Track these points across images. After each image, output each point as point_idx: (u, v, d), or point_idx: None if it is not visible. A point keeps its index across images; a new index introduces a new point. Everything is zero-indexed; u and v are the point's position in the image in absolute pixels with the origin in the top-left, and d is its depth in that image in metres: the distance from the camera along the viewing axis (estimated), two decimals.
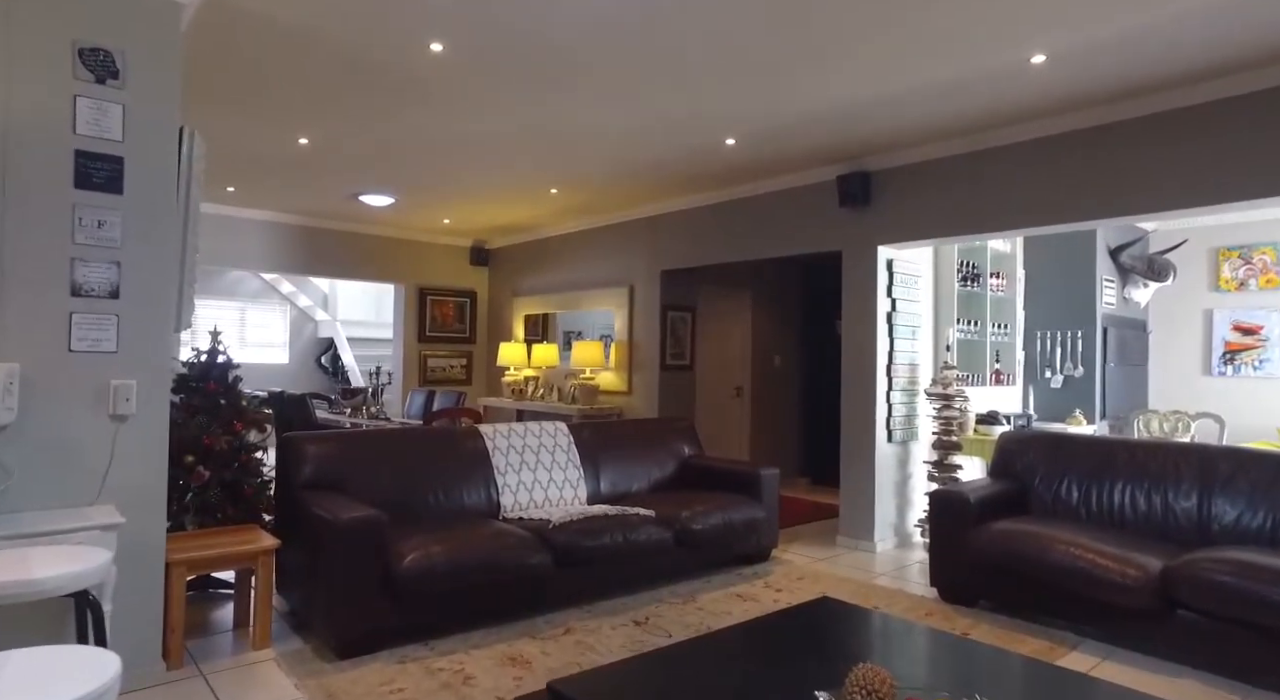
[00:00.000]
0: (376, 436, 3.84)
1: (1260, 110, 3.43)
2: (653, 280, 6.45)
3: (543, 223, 7.36)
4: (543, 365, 7.57)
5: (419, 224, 7.58)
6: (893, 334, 4.93)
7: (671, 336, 6.42)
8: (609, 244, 6.94)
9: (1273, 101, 3.40)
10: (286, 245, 7.23)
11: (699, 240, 6.04)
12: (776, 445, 7.58)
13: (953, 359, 5.09)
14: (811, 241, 5.21)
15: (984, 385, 5.56)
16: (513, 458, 4.14)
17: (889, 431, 4.92)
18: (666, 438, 4.93)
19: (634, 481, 4.62)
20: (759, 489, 4.48)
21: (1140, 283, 6.23)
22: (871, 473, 4.85)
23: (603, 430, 4.70)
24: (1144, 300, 6.38)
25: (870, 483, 4.85)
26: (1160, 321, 6.93)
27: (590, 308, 7.17)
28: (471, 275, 8.58)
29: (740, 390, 7.34)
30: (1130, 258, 6.14)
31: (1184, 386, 6.76)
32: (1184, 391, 6.75)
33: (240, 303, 10.10)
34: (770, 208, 5.49)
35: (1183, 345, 6.80)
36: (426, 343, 8.19)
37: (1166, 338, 6.87)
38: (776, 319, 7.62)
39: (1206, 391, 6.64)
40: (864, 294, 4.90)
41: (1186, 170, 3.64)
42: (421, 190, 6.02)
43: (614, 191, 5.94)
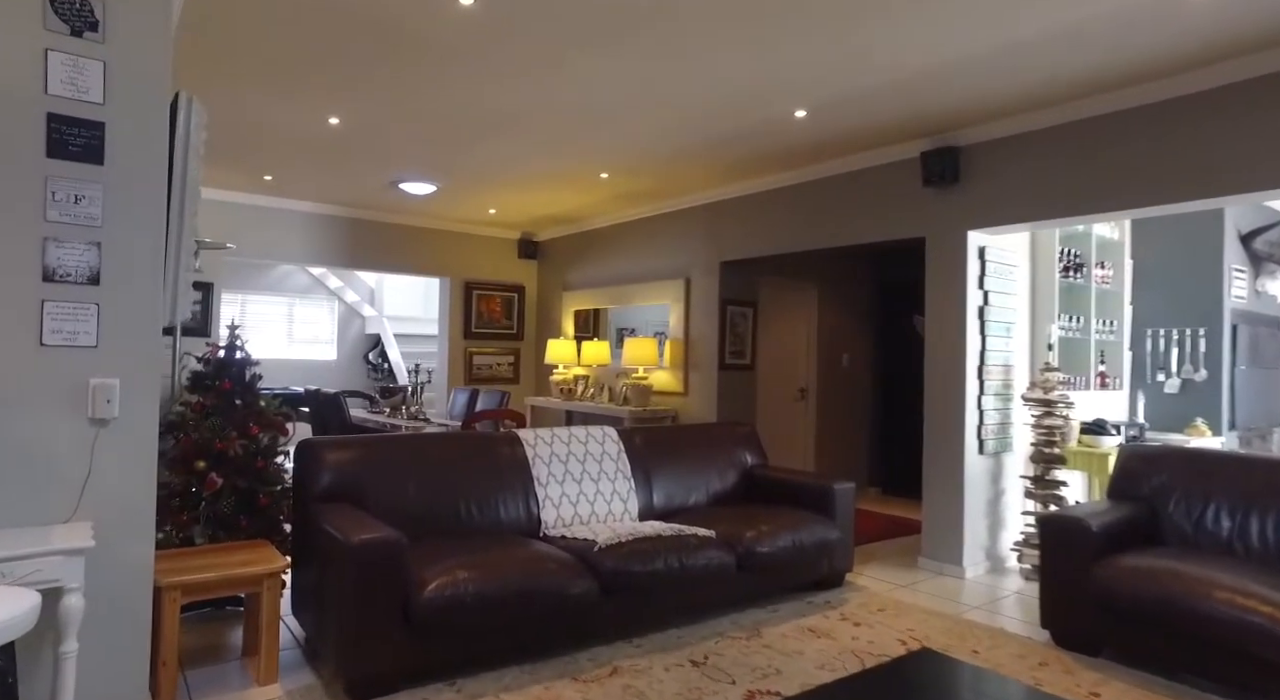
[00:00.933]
0: (403, 442, 3.45)
1: None
2: (711, 272, 5.95)
3: (593, 212, 6.93)
4: (593, 364, 7.14)
5: (464, 215, 7.24)
6: (984, 331, 4.33)
7: (731, 333, 5.91)
8: (663, 234, 6.47)
9: None
10: (328, 237, 6.98)
11: (762, 228, 5.52)
12: (844, 452, 7.00)
13: (1054, 359, 4.45)
14: (890, 227, 4.64)
15: (1087, 389, 4.89)
16: (555, 467, 3.70)
17: (980, 442, 4.32)
18: (726, 445, 4.43)
19: (690, 494, 4.14)
20: (832, 506, 3.95)
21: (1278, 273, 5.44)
22: (959, 488, 4.26)
23: (656, 436, 4.23)
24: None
25: (958, 499, 4.26)
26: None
27: (644, 302, 6.71)
28: (519, 269, 8.22)
29: (804, 392, 6.78)
30: (1267, 244, 5.36)
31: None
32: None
33: (288, 298, 9.98)
34: (843, 191, 4.93)
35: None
36: (472, 339, 7.87)
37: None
38: (845, 315, 7.03)
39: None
40: (951, 286, 4.31)
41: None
42: (463, 176, 5.65)
43: (669, 176, 5.46)
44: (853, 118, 4.10)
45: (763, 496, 4.27)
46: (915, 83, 3.58)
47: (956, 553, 4.26)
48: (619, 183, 5.73)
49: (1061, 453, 4.26)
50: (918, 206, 4.48)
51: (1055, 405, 4.27)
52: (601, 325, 7.78)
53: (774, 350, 6.58)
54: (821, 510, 3.96)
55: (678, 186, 5.81)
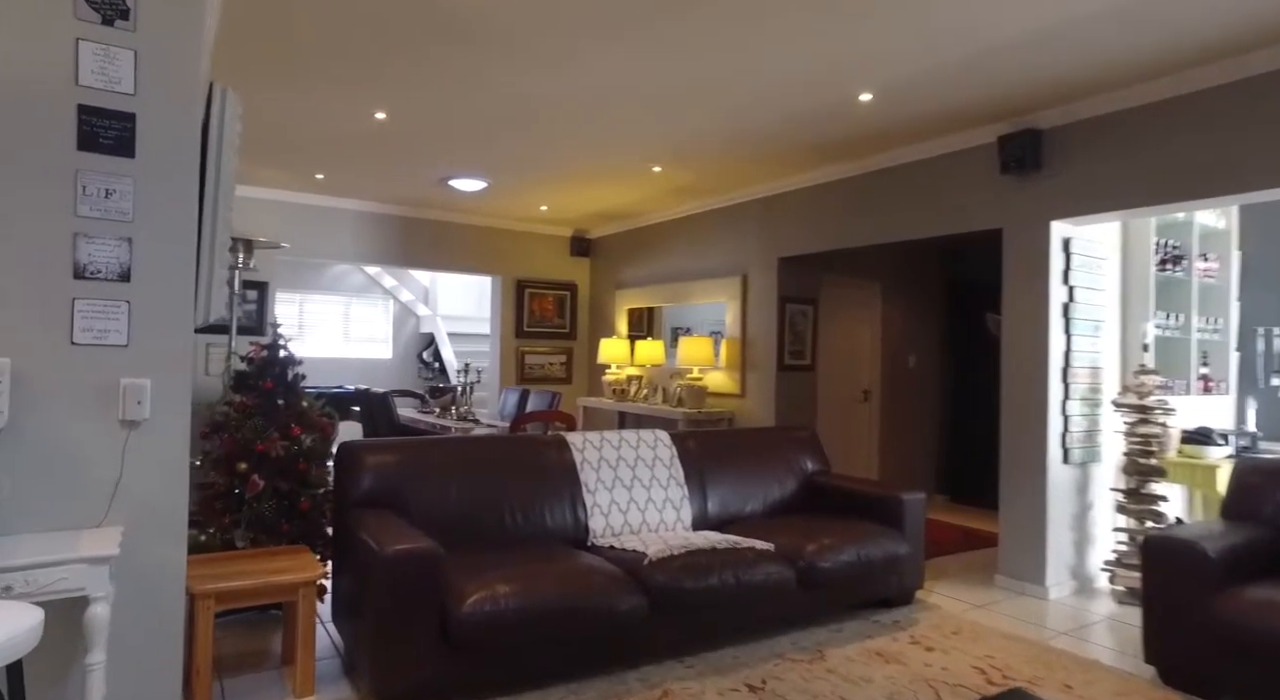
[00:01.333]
0: (446, 445, 3.32)
1: None
2: (769, 269, 5.69)
3: (646, 208, 6.74)
4: (647, 363, 6.96)
5: (515, 212, 7.15)
6: (1070, 330, 3.97)
7: (790, 332, 5.64)
8: (719, 229, 6.23)
9: None
10: (381, 236, 6.98)
11: (823, 222, 5.23)
12: (909, 458, 6.64)
13: (1150, 361, 4.06)
14: (963, 220, 4.31)
15: (1187, 394, 4.46)
16: (605, 473, 3.53)
17: (1065, 450, 3.96)
18: (786, 450, 4.19)
19: (747, 502, 3.91)
20: (900, 517, 3.66)
21: None
22: (1042, 501, 3.91)
23: (711, 440, 4.02)
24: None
25: (1040, 512, 3.92)
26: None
27: (699, 300, 6.49)
28: (572, 267, 8.10)
29: (868, 394, 6.46)
30: None
31: None
32: None
33: (344, 298, 10.09)
34: (911, 181, 4.62)
35: None
36: (524, 338, 7.78)
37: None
38: (911, 313, 6.67)
39: None
40: (1032, 281, 3.97)
41: None
42: (514, 172, 5.54)
43: (724, 168, 5.23)
44: (923, 101, 3.80)
45: (825, 506, 4.01)
46: (992, 60, 3.27)
47: (1039, 571, 3.92)
48: (672, 176, 5.53)
49: (1159, 464, 3.87)
50: (994, 196, 4.15)
51: (1152, 411, 3.89)
52: (656, 324, 7.60)
53: (835, 350, 6.28)
54: (889, 522, 3.68)
55: (733, 180, 5.58)
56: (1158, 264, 4.35)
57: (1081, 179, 3.78)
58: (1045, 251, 3.91)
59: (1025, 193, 4.00)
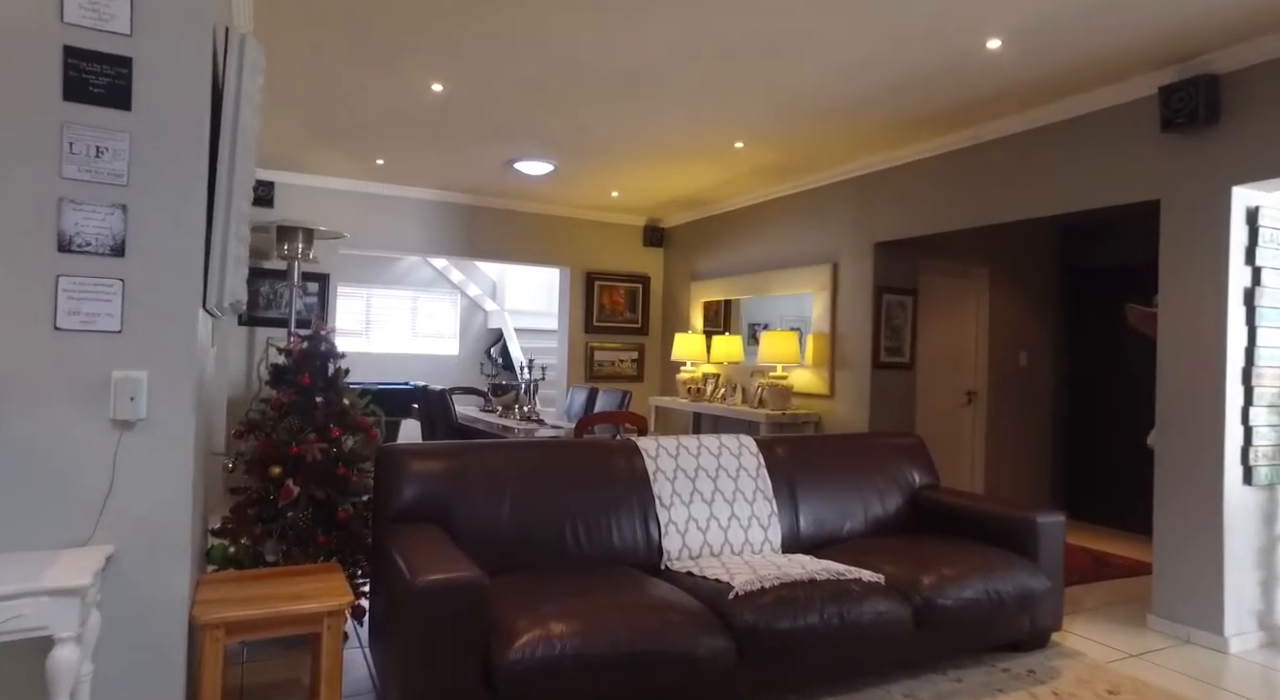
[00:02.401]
0: (501, 450, 2.91)
1: None
2: (863, 256, 5.09)
3: (726, 192, 6.22)
4: (724, 360, 6.45)
5: (585, 199, 6.75)
6: (1254, 320, 3.25)
7: (887, 326, 5.03)
8: (806, 213, 5.66)
9: None
10: (445, 226, 6.69)
11: (927, 202, 4.61)
12: (1021, 467, 5.91)
13: None
14: (1106, 191, 3.63)
15: None
16: (681, 485, 3.05)
17: (1246, 468, 3.26)
18: (887, 460, 3.61)
19: (845, 521, 3.36)
20: (1034, 544, 3.06)
21: None
22: (1217, 530, 3.22)
23: (802, 447, 3.49)
24: None
25: (1215, 544, 3.22)
26: None
27: (782, 292, 5.93)
28: (645, 258, 7.65)
29: (972, 396, 5.76)
30: None
31: None
32: None
33: (412, 292, 9.94)
34: (1036, 149, 3.96)
35: None
36: (593, 333, 7.37)
37: None
38: (1022, 303, 5.93)
39: None
40: (1203, 261, 3.27)
41: None
42: (583, 152, 5.12)
43: (816, 143, 4.67)
44: (1064, 45, 3.17)
45: (935, 526, 3.42)
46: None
47: (1214, 616, 3.22)
48: (756, 154, 5.00)
49: None
50: (1151, 161, 3.46)
51: None
52: (733, 318, 7.08)
53: (936, 346, 5.62)
54: (1019, 549, 3.07)
55: (824, 157, 5.00)
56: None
57: (1274, 133, 3.07)
58: (1223, 224, 3.21)
59: (1195, 154, 3.31)
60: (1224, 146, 3.21)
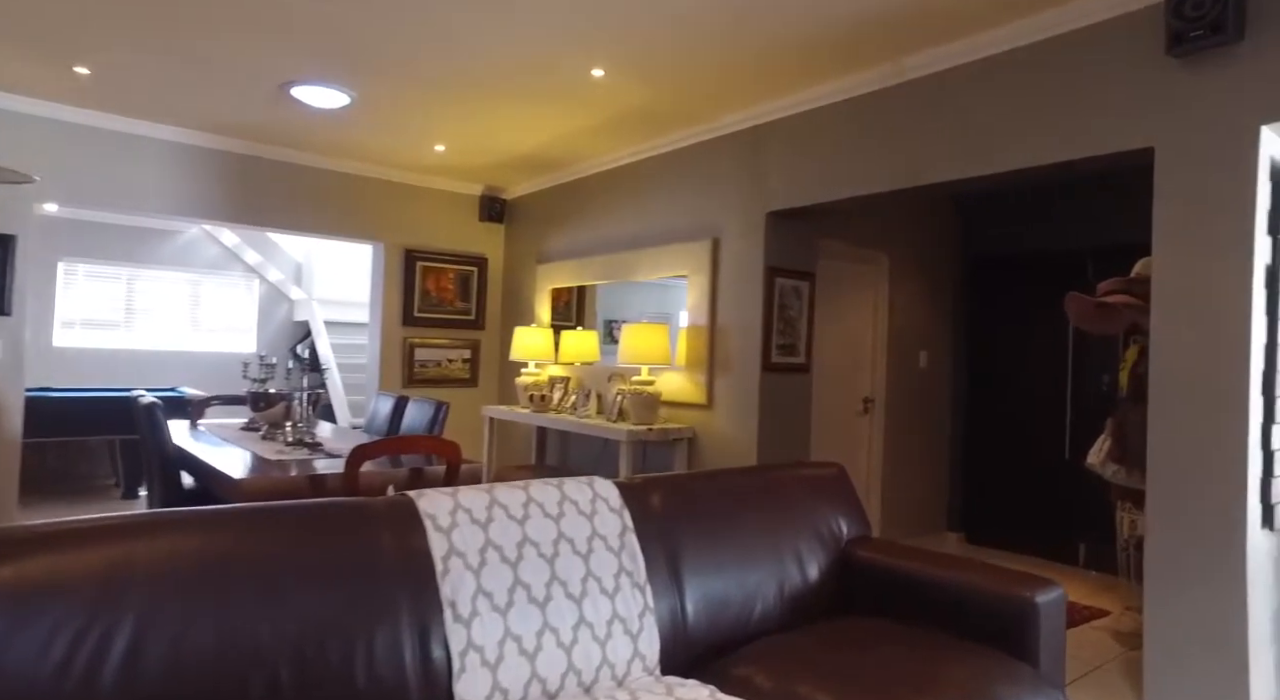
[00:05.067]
0: (172, 528, 1.50)
1: None
2: (752, 229, 4.04)
3: (582, 151, 4.99)
4: (576, 361, 5.23)
5: (402, 155, 5.28)
6: (1276, 310, 2.45)
7: (780, 318, 4.01)
8: (683, 175, 4.55)
9: None
10: (202, 179, 4.99)
11: (836, 159, 3.61)
12: (922, 485, 5.12)
13: None
14: (1085, 138, 2.75)
15: None
16: (494, 576, 1.75)
17: (1266, 507, 2.44)
18: (804, 503, 2.52)
19: (754, 603, 2.22)
20: (1031, 635, 2.05)
21: None
22: (1239, 589, 2.37)
23: (686, 492, 2.30)
24: None
25: (1237, 608, 2.38)
26: None
27: (649, 275, 4.79)
28: (482, 235, 6.27)
29: (869, 404, 4.90)
30: None
31: None
32: None
33: (193, 274, 7.94)
34: (995, 83, 3.04)
35: None
36: (415, 326, 5.91)
37: None
38: (923, 295, 5.15)
39: None
40: (1215, 231, 2.43)
41: None
42: (389, 78, 3.70)
43: (695, 75, 3.55)
44: None
45: (875, 601, 2.36)
46: None
47: (1238, 693, 2.38)
48: (620, 91, 3.81)
49: None
50: (1144, 94, 2.60)
51: None
52: (588, 310, 5.90)
53: (832, 345, 4.69)
54: (1008, 642, 2.06)
55: (705, 101, 3.90)
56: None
57: None
58: (1248, 178, 2.37)
59: (1208, 82, 2.46)
60: (1250, 71, 2.38)
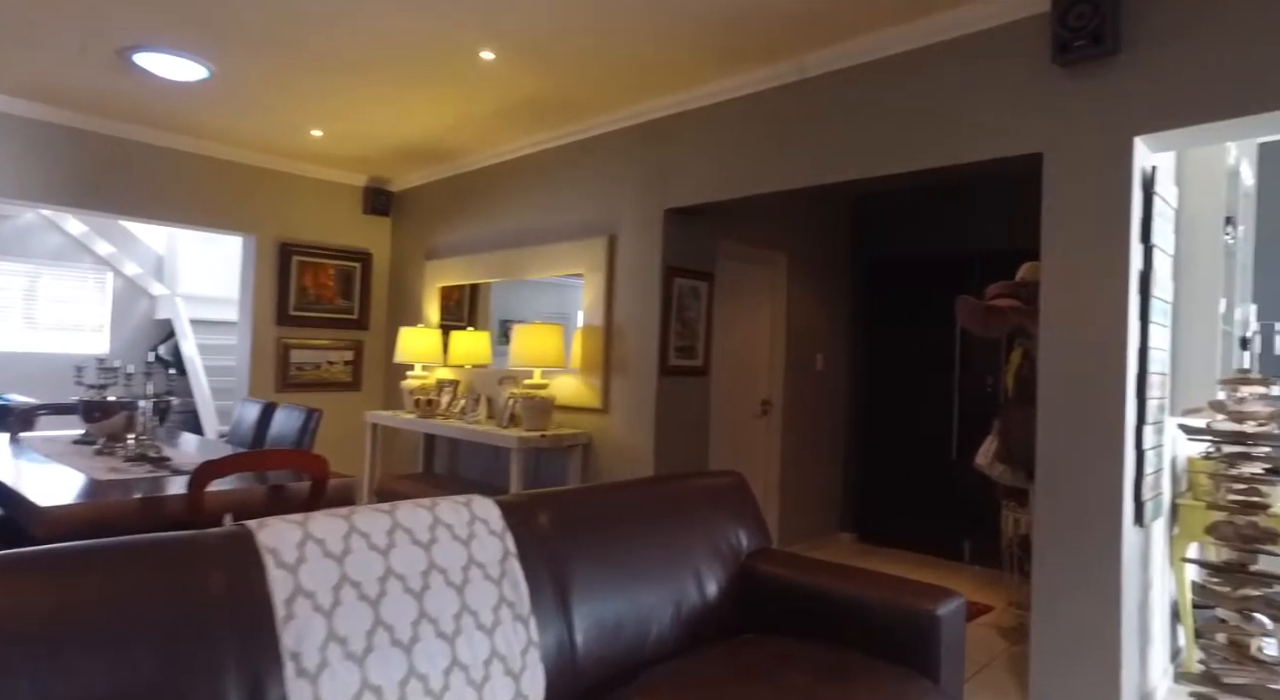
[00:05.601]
0: None
1: None
2: (650, 226, 3.90)
3: (474, 141, 4.72)
4: (467, 363, 4.97)
5: (276, 140, 4.85)
6: (1148, 314, 2.51)
7: (679, 319, 3.89)
8: (579, 169, 4.36)
9: None
10: (38, 156, 4.40)
11: (738, 156, 3.53)
12: (817, 487, 5.15)
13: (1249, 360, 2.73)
14: (981, 141, 2.76)
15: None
16: (349, 617, 1.51)
17: (1137, 505, 2.50)
18: (702, 516, 2.39)
19: (649, 627, 2.07)
20: (931, 647, 1.99)
21: None
22: (1114, 586, 2.42)
23: (576, 508, 2.12)
24: None
25: (1111, 606, 2.42)
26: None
27: (543, 273, 4.58)
28: (366, 229, 5.87)
29: (767, 406, 4.87)
30: None
31: None
32: None
33: (32, 265, 7.08)
34: (892, 85, 3.02)
35: None
36: (291, 326, 5.46)
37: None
38: (820, 298, 5.18)
39: None
40: (1096, 236, 2.47)
41: None
42: (254, 50, 3.33)
43: (591, 65, 3.38)
44: None
45: (776, 617, 2.26)
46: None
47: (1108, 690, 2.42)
48: (512, 76, 3.58)
49: (1273, 525, 2.51)
50: (1033, 101, 2.62)
51: (1255, 441, 2.53)
52: (480, 310, 5.61)
53: (731, 346, 4.63)
54: (908, 654, 2.00)
55: (602, 93, 3.73)
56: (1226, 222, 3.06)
57: (1190, 65, 2.31)
58: (1123, 186, 2.42)
59: (1093, 93, 2.50)
60: (1127, 83, 2.43)
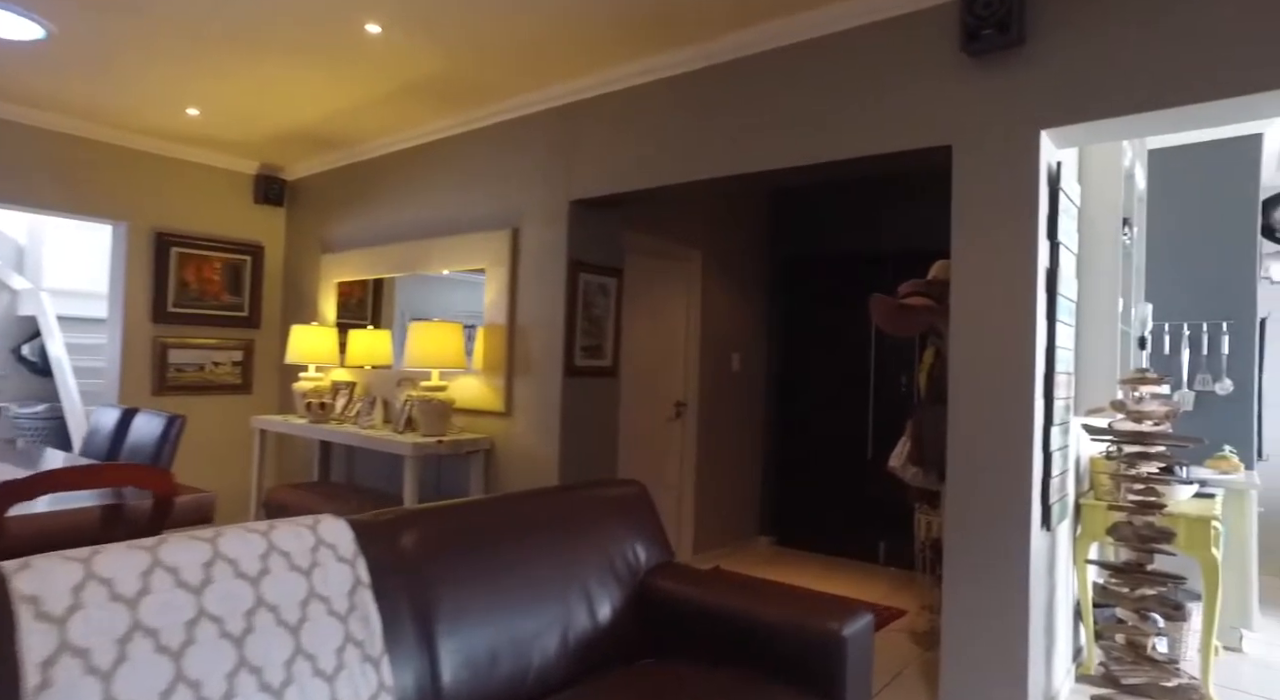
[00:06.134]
0: None
1: None
2: (555, 218, 3.69)
3: (370, 127, 4.40)
4: (366, 363, 4.64)
5: (147, 121, 4.40)
6: (1054, 312, 2.46)
7: (585, 317, 3.69)
8: (481, 158, 4.11)
9: None
10: None
11: (646, 145, 3.36)
12: (734, 492, 5.03)
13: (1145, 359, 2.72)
14: (891, 131, 2.66)
15: None
16: (138, 676, 1.23)
17: (1045, 509, 2.45)
18: (597, 531, 2.20)
19: (531, 656, 1.86)
20: (837, 668, 1.85)
21: None
22: (1022, 590, 2.35)
23: (448, 528, 1.89)
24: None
25: (1019, 609, 2.36)
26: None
27: (443, 267, 4.30)
28: (259, 220, 5.44)
29: (682, 408, 4.72)
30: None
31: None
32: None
33: None
34: (804, 72, 2.89)
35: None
36: (170, 323, 4.99)
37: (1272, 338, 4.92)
38: (736, 297, 5.07)
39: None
40: (1004, 231, 2.40)
41: None
42: (99, 7, 2.94)
43: (490, 42, 3.14)
44: None
45: (676, 640, 2.09)
46: None
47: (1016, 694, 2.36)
48: (404, 53, 3.31)
49: (1167, 525, 2.49)
50: (943, 91, 2.53)
51: (1155, 440, 2.51)
52: (386, 308, 5.28)
53: (643, 346, 4.46)
54: (813, 677, 1.86)
55: (502, 75, 3.50)
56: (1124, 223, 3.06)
57: (1092, 60, 2.26)
58: (1030, 183, 2.36)
59: (1001, 84, 2.42)
60: (1033, 76, 2.36)
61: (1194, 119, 2.25)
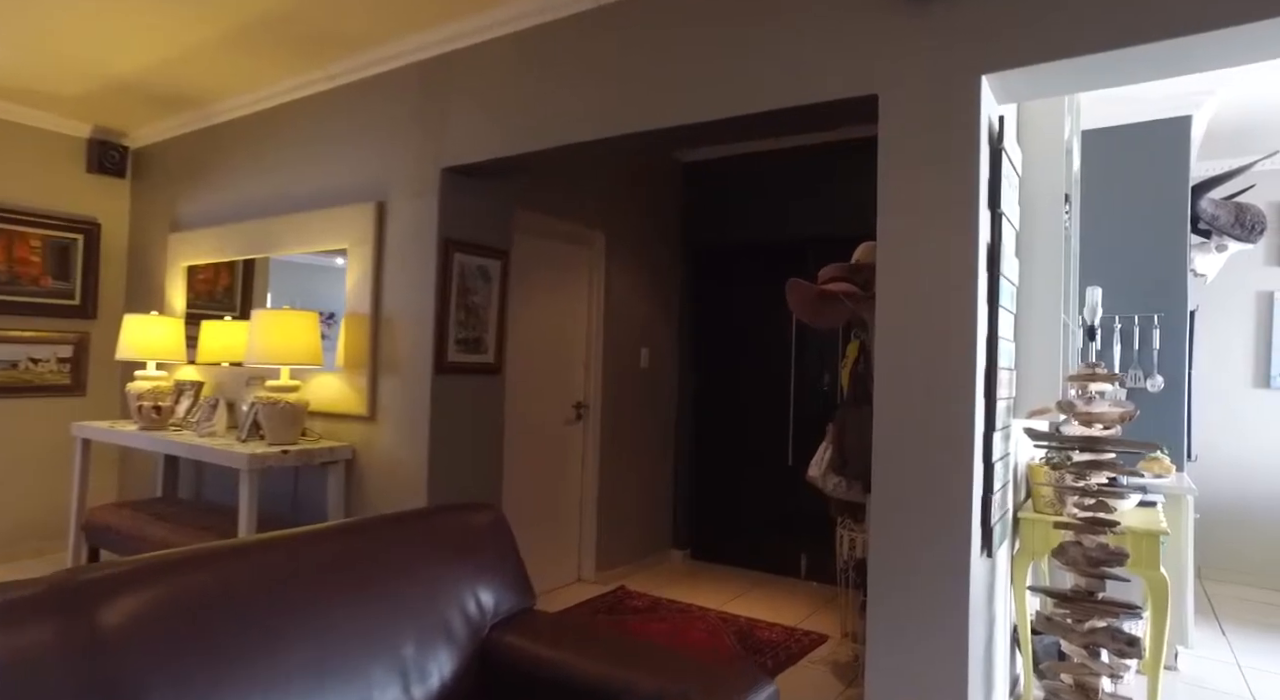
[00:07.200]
0: None
1: None
2: (425, 190, 3.13)
3: (217, 82, 3.73)
4: (223, 360, 3.99)
5: None
6: (996, 297, 2.08)
7: (461, 305, 3.15)
8: (343, 119, 3.51)
9: None
10: None
11: (528, 102, 2.84)
12: (639, 499, 4.57)
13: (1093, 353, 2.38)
14: (801, 80, 2.22)
15: None
16: None
17: (985, 531, 2.06)
18: (425, 576, 1.68)
19: None
20: None
21: (1215, 244, 3.99)
22: (960, 623, 1.95)
23: (191, 587, 1.35)
24: (1213, 271, 4.16)
25: (957, 647, 1.96)
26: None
27: (299, 248, 3.68)
28: (93, 193, 4.67)
29: (583, 410, 4.23)
30: (1214, 205, 3.86)
31: (1223, 405, 4.68)
32: (1223, 412, 4.68)
33: None
34: (704, 10, 2.44)
35: (1228, 343, 4.73)
36: None
37: (1204, 333, 4.76)
38: (645, 285, 4.60)
39: (1257, 412, 4.61)
40: (940, 199, 2.00)
41: None
42: None
43: None
44: None
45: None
46: None
47: None
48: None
49: (1119, 545, 2.15)
50: (868, 28, 2.12)
51: (1106, 445, 2.16)
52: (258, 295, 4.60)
53: (537, 340, 3.94)
54: None
55: (360, 16, 2.93)
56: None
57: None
58: (970, 139, 1.96)
59: (934, 20, 2.02)
60: (972, 9, 1.97)
61: (1141, 65, 1.89)
